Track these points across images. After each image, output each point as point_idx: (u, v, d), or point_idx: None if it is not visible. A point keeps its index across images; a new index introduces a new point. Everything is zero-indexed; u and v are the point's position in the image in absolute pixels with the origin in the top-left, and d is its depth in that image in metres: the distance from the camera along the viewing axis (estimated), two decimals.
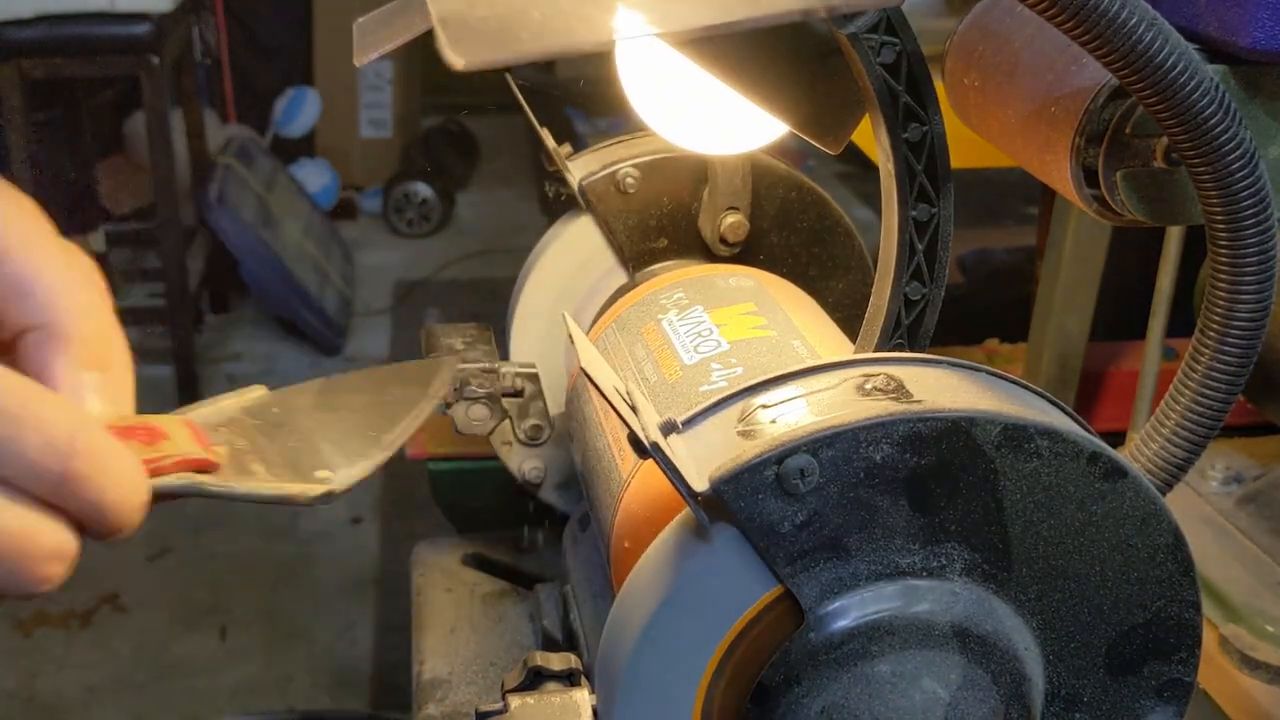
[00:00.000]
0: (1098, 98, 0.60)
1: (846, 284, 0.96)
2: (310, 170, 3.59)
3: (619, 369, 0.78)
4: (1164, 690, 0.55)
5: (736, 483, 0.50)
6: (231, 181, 2.90)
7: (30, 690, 1.83)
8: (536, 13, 0.43)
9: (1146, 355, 1.26)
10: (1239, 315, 0.55)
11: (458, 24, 0.42)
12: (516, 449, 0.94)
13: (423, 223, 3.68)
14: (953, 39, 0.75)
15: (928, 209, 0.70)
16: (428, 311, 3.21)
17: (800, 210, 0.94)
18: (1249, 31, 0.58)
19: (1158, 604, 0.53)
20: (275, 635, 2.02)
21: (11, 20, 2.29)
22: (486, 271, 3.42)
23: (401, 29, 0.59)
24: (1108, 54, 0.51)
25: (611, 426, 0.76)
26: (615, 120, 3.30)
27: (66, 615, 2.04)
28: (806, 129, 0.69)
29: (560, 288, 0.95)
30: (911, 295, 0.72)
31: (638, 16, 0.45)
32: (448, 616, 0.96)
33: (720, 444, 0.54)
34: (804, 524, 0.51)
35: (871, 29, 0.64)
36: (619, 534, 0.69)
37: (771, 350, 0.73)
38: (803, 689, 0.52)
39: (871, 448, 0.50)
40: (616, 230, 0.93)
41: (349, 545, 2.26)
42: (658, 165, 0.93)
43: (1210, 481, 1.09)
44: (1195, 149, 0.53)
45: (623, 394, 0.53)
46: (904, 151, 0.67)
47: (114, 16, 2.36)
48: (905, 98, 0.66)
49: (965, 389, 0.55)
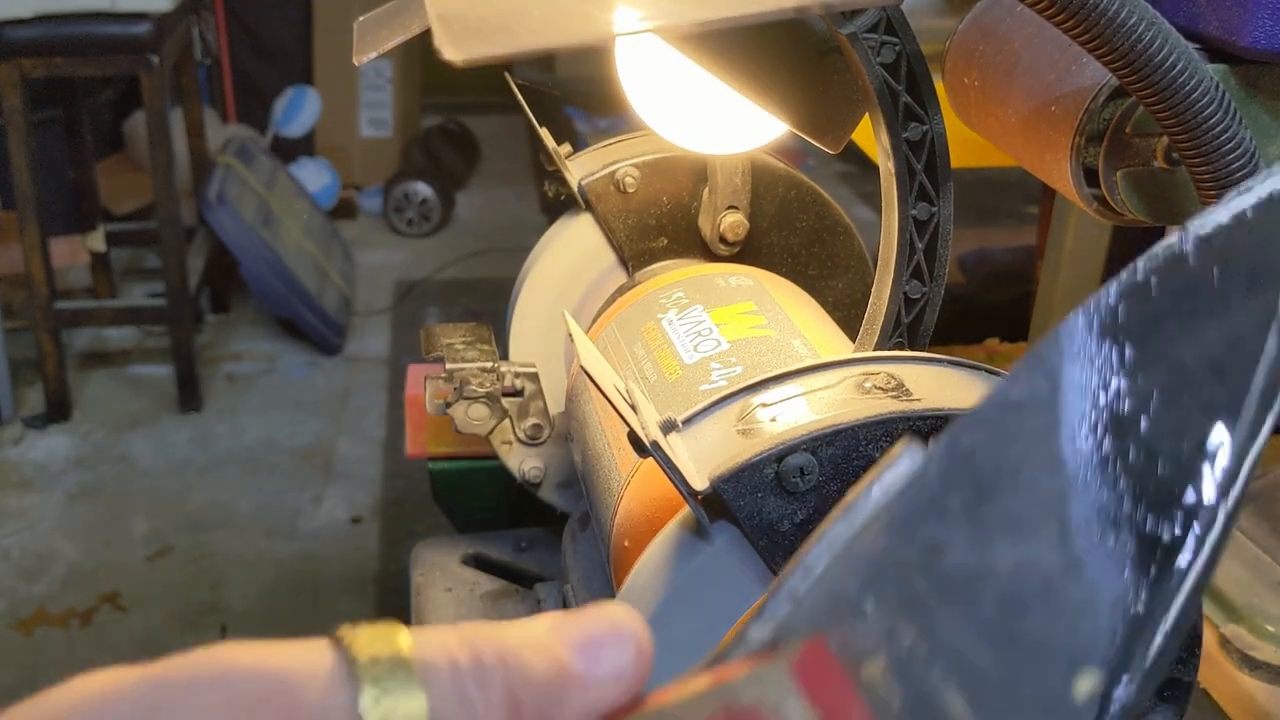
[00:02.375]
0: (1098, 97, 0.60)
1: (846, 283, 0.96)
2: (310, 170, 3.59)
3: (619, 368, 0.78)
4: (1164, 690, 0.55)
5: (736, 481, 0.50)
6: (231, 181, 2.90)
7: (30, 690, 1.82)
8: (534, 9, 0.43)
9: None
10: None
11: (455, 20, 0.42)
12: (516, 448, 0.94)
13: (423, 222, 3.68)
14: (953, 38, 0.75)
15: (928, 208, 0.70)
16: (428, 311, 3.22)
17: (800, 209, 0.94)
18: (1249, 31, 0.58)
19: None
20: (275, 635, 2.02)
21: (11, 20, 2.29)
22: (486, 271, 3.42)
23: (400, 28, 0.59)
24: (1108, 54, 0.51)
25: (611, 426, 0.76)
26: (615, 120, 3.30)
27: (66, 615, 2.04)
28: (806, 128, 0.69)
29: (560, 287, 0.95)
30: (911, 294, 0.72)
31: (635, 12, 0.45)
32: (448, 616, 0.96)
33: (720, 443, 0.54)
34: (804, 522, 0.51)
35: (871, 28, 0.64)
36: (619, 533, 0.69)
37: (771, 349, 0.73)
38: None
39: (872, 446, 0.50)
40: (616, 229, 0.93)
41: (349, 545, 2.25)
42: (658, 165, 0.93)
43: None
44: (1195, 149, 0.53)
45: (623, 393, 0.53)
46: (904, 151, 0.67)
47: (114, 16, 2.36)
48: (905, 97, 0.66)
49: (965, 388, 0.54)
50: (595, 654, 0.30)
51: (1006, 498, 0.33)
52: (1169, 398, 0.33)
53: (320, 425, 2.64)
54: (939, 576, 0.32)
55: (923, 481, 0.32)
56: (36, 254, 2.44)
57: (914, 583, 0.32)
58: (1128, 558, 0.32)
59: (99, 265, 2.96)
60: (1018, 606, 0.32)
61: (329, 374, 2.87)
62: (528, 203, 3.92)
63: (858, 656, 0.31)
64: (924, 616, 0.32)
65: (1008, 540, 0.32)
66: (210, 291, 3.05)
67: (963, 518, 0.33)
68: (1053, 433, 0.33)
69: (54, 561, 2.18)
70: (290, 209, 3.14)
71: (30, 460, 2.49)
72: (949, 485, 0.33)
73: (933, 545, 0.33)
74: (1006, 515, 0.32)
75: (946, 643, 0.31)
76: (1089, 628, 0.32)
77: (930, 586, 0.32)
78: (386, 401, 2.73)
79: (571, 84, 3.56)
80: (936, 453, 0.32)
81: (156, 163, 2.48)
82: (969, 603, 0.32)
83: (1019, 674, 0.31)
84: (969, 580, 0.32)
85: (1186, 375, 0.33)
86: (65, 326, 2.63)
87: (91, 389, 2.75)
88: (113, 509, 2.33)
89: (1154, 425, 0.33)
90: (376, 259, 3.52)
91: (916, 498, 0.33)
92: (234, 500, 2.37)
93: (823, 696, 0.31)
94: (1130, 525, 0.32)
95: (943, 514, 0.33)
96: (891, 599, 0.32)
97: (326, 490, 2.41)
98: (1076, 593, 0.32)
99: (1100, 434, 0.33)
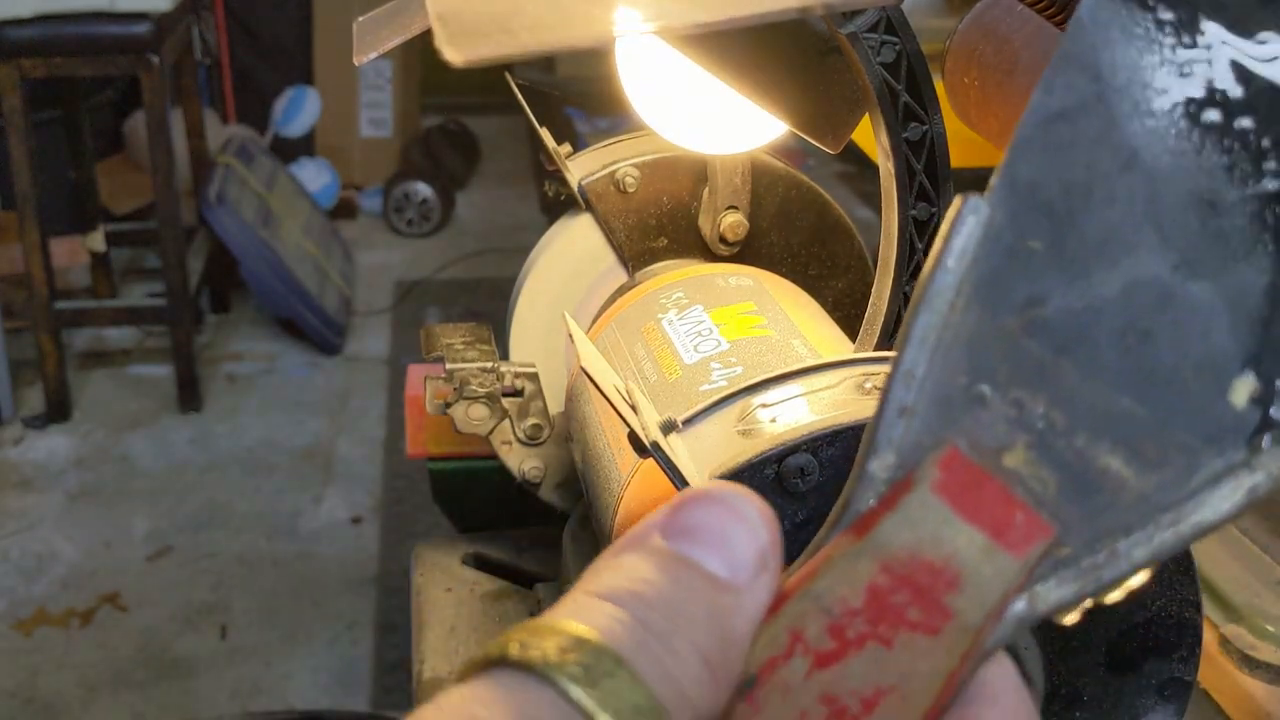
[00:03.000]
0: None
1: (846, 283, 0.96)
2: (310, 170, 3.59)
3: (619, 368, 0.78)
4: (1164, 689, 0.55)
5: (736, 482, 0.50)
6: (231, 181, 2.90)
7: (30, 690, 1.83)
8: (534, 8, 0.43)
9: None
10: None
11: (455, 20, 0.42)
12: (516, 448, 0.94)
13: (423, 223, 3.68)
14: (953, 38, 0.75)
15: (927, 208, 0.70)
16: (428, 311, 3.22)
17: (800, 209, 0.94)
18: None
19: (1158, 603, 0.53)
20: (275, 635, 2.02)
21: (11, 20, 2.29)
22: (486, 271, 3.42)
23: (400, 28, 0.59)
24: None
25: (611, 426, 0.76)
26: (615, 120, 3.30)
27: (66, 615, 2.04)
28: (806, 128, 0.69)
29: (560, 287, 0.95)
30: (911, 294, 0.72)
31: (636, 13, 0.45)
32: (448, 616, 0.96)
33: (720, 443, 0.54)
34: (804, 523, 0.51)
35: (871, 28, 0.64)
36: (619, 533, 0.69)
37: (771, 349, 0.73)
38: None
39: None
40: (616, 229, 0.93)
41: (349, 545, 2.26)
42: (658, 165, 0.93)
43: None
44: None
45: (623, 393, 0.53)
46: (904, 150, 0.67)
47: (114, 16, 2.36)
48: (905, 97, 0.66)
49: None
50: (737, 560, 0.28)
51: (1088, 218, 0.29)
52: (1239, 26, 0.29)
53: (320, 425, 2.64)
54: (1048, 333, 0.29)
55: (995, 233, 0.29)
56: (36, 254, 2.44)
57: (1024, 348, 0.29)
58: (1242, 232, 0.29)
59: (99, 265, 2.96)
60: (1142, 334, 0.28)
61: (329, 374, 2.87)
62: (528, 203, 3.93)
63: (996, 451, 0.28)
64: (1048, 382, 0.28)
65: (1106, 265, 0.29)
66: (210, 291, 3.05)
67: (1050, 258, 0.29)
68: (1113, 127, 0.29)
69: (54, 561, 2.18)
70: (290, 209, 3.14)
71: (30, 460, 2.49)
72: (1023, 228, 0.29)
73: (1030, 299, 0.29)
74: (1095, 238, 0.29)
75: (1081, 402, 0.28)
76: (1224, 328, 0.28)
77: (1042, 346, 0.29)
78: (386, 401, 2.73)
79: (571, 84, 3.56)
80: (996, 198, 0.29)
81: (156, 163, 2.48)
82: (1089, 350, 0.28)
83: (1168, 407, 0.28)
84: (1081, 325, 0.29)
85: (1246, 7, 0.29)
86: (65, 326, 2.63)
87: (91, 389, 2.75)
88: (113, 509, 2.33)
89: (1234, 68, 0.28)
90: (376, 259, 3.52)
91: (994, 253, 0.29)
92: (234, 500, 2.37)
93: (981, 511, 0.28)
94: (1236, 193, 0.29)
95: (1028, 261, 0.29)
96: (1007, 375, 0.29)
97: (326, 490, 2.41)
98: (1199, 295, 0.28)
99: (1172, 106, 0.29)
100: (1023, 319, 0.29)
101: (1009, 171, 0.29)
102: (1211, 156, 0.29)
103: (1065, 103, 0.29)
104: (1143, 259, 0.29)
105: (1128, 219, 0.29)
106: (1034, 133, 0.29)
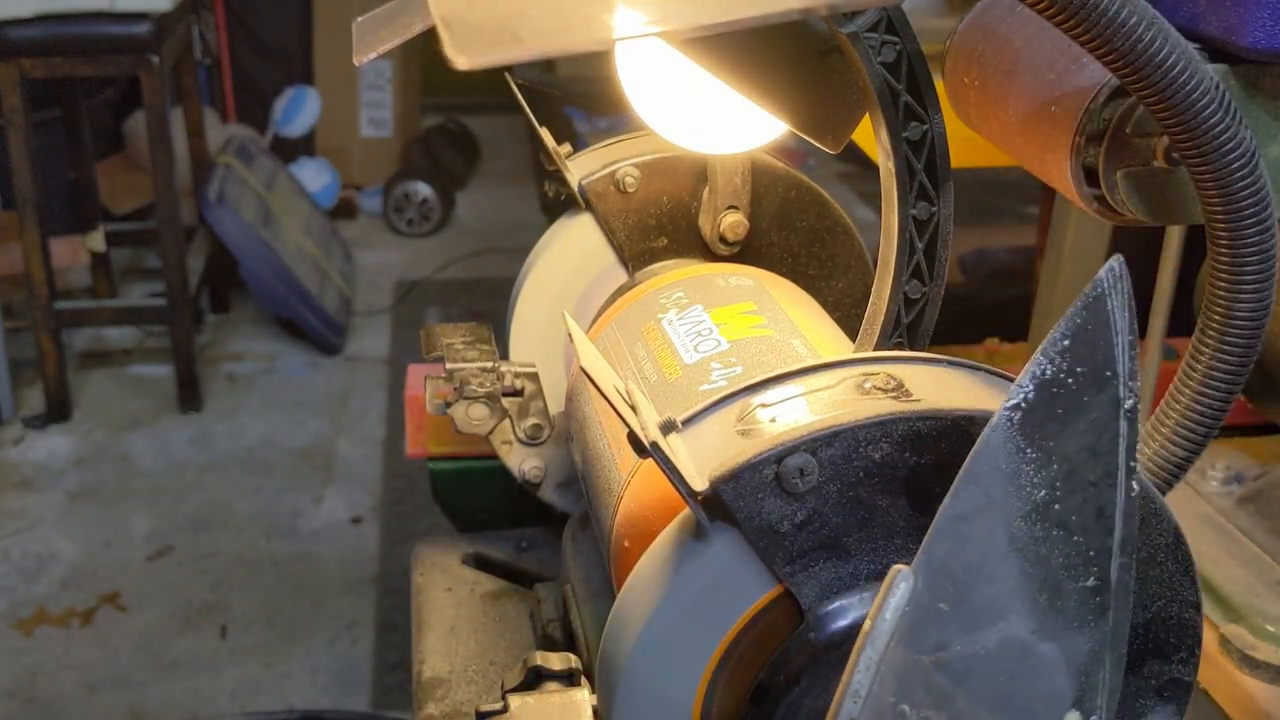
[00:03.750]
0: (1098, 98, 0.60)
1: (846, 283, 0.96)
2: (310, 170, 3.59)
3: (619, 368, 0.78)
4: (1164, 689, 0.55)
5: (736, 482, 0.50)
6: (231, 181, 2.90)
7: (30, 690, 1.83)
8: (537, 12, 0.43)
9: (1146, 355, 1.26)
10: (1239, 314, 0.55)
11: (460, 24, 0.42)
12: (516, 448, 0.94)
13: (423, 222, 3.68)
14: (953, 38, 0.75)
15: (927, 207, 0.70)
16: (428, 311, 3.22)
17: (800, 209, 0.94)
18: (1249, 31, 0.58)
19: (1158, 603, 0.53)
20: (275, 635, 2.02)
21: (11, 20, 2.29)
22: (486, 271, 3.42)
23: (400, 28, 0.59)
24: (1108, 54, 0.51)
25: (611, 426, 0.76)
26: (615, 120, 3.30)
27: (66, 615, 2.04)
28: (806, 128, 0.69)
29: (560, 287, 0.95)
30: (911, 294, 0.72)
31: (638, 16, 0.45)
32: (448, 616, 0.96)
33: (720, 443, 0.54)
34: (803, 523, 0.51)
35: (872, 28, 0.64)
36: (619, 534, 0.69)
37: (771, 349, 0.73)
38: (802, 688, 0.52)
39: (871, 447, 0.50)
40: (616, 229, 0.93)
41: (349, 545, 2.25)
42: (658, 165, 0.93)
43: (1210, 481, 1.09)
44: (1195, 149, 0.53)
45: (622, 393, 0.53)
46: (904, 150, 0.68)
47: (114, 16, 2.36)
48: (905, 96, 0.66)
49: (965, 388, 0.55)
50: None
51: (978, 591, 0.41)
52: (1066, 480, 0.42)
53: (320, 425, 2.64)
54: (949, 669, 0.41)
55: (917, 596, 0.41)
56: (36, 254, 2.44)
57: (933, 679, 0.41)
58: (1077, 610, 0.41)
59: (99, 265, 2.95)
60: (1009, 676, 0.41)
61: (329, 374, 2.87)
62: (528, 203, 3.92)
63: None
64: (948, 705, 0.41)
65: (988, 624, 0.42)
66: (210, 291, 3.05)
67: (953, 616, 0.41)
68: (996, 528, 0.41)
69: (54, 561, 2.18)
70: (290, 209, 3.14)
71: (30, 460, 2.49)
72: (936, 594, 0.41)
73: (939, 644, 0.41)
74: (983, 604, 0.41)
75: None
76: (1062, 676, 0.42)
77: (946, 678, 0.41)
78: (386, 401, 2.73)
79: (571, 84, 3.56)
80: (920, 567, 0.41)
81: (156, 163, 2.48)
82: (976, 683, 0.41)
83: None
84: (971, 665, 0.41)
85: (1073, 461, 0.42)
86: (65, 326, 2.63)
87: (91, 389, 2.75)
88: (113, 509, 2.33)
89: (1061, 501, 0.42)
90: (376, 259, 3.52)
91: (916, 610, 0.41)
92: (234, 500, 2.37)
93: None
94: (1071, 585, 0.41)
95: (939, 617, 0.41)
96: (920, 698, 0.41)
97: (326, 490, 2.41)
98: (1047, 652, 0.42)
99: (1030, 511, 0.42)
100: (934, 658, 0.42)
101: (929, 552, 0.41)
102: (1051, 552, 0.42)
103: (966, 508, 0.42)
104: (1013, 622, 0.42)
105: (1004, 593, 0.42)
106: (947, 526, 0.41)
